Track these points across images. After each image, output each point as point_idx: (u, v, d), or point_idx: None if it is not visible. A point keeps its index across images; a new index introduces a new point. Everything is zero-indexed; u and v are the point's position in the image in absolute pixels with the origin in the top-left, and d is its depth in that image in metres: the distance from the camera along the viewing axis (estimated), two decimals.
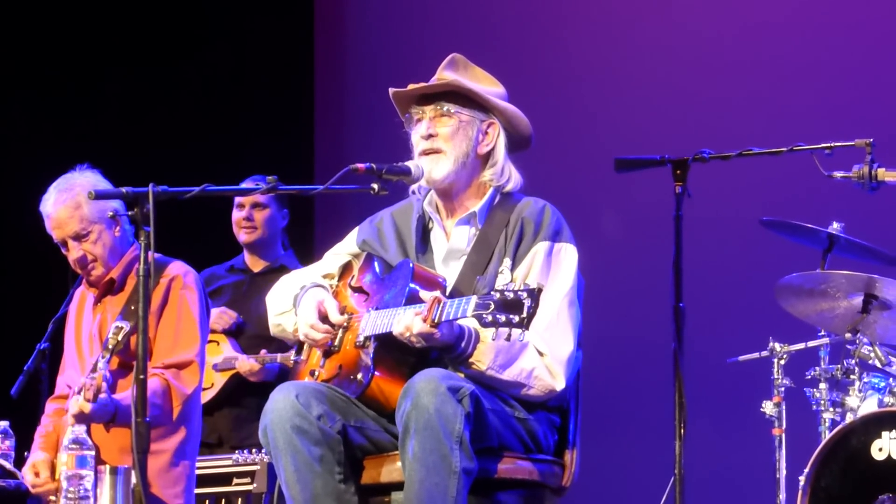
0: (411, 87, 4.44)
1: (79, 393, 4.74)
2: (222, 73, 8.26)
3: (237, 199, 6.69)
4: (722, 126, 7.21)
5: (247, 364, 6.43)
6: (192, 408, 5.04)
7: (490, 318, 3.90)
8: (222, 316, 6.60)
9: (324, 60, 8.62)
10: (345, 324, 4.34)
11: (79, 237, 5.05)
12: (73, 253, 5.07)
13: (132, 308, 4.92)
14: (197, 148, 7.86)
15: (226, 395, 6.55)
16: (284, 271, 6.31)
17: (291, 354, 6.19)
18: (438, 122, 4.39)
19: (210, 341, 6.54)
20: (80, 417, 4.67)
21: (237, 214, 6.72)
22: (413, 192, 4.51)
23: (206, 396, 6.50)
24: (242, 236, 6.72)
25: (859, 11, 7.30)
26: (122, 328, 4.83)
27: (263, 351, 6.43)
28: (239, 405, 6.53)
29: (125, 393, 4.81)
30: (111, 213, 4.81)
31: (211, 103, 8.15)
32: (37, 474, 4.93)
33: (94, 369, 4.78)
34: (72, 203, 5.00)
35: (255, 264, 6.78)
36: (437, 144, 4.37)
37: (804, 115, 7.10)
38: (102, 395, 4.72)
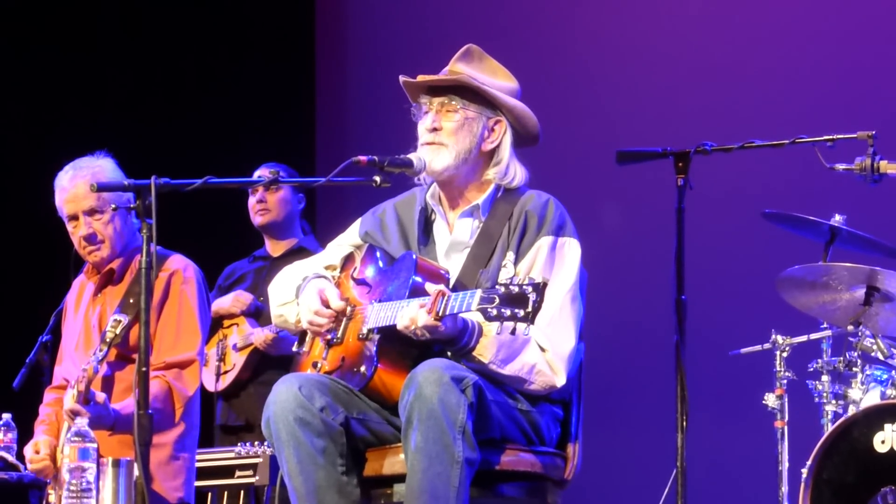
0: (421, 78, 4.42)
1: (72, 387, 4.73)
2: (223, 63, 8.25)
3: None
4: (724, 118, 7.21)
5: (261, 335, 6.44)
6: (192, 402, 5.02)
7: (495, 311, 3.88)
8: (238, 299, 6.62)
9: (325, 50, 8.61)
10: (345, 309, 4.34)
11: (92, 212, 5.02)
12: (83, 229, 5.02)
13: (131, 301, 4.90)
14: (198, 140, 7.86)
15: (249, 373, 6.55)
16: (305, 253, 6.32)
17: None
18: (444, 115, 4.37)
19: (230, 325, 6.57)
20: (75, 413, 4.65)
21: (251, 199, 6.75)
22: (418, 181, 4.49)
23: (226, 379, 6.54)
24: (257, 219, 6.78)
25: (861, 3, 7.29)
26: (120, 321, 4.82)
27: None
28: (264, 383, 6.50)
29: (125, 402, 4.78)
30: (114, 206, 4.79)
31: (212, 94, 8.14)
32: (37, 451, 4.92)
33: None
34: (93, 179, 4.94)
35: (275, 249, 6.81)
36: (440, 138, 4.36)
37: (806, 108, 7.09)
38: (99, 398, 4.69)
